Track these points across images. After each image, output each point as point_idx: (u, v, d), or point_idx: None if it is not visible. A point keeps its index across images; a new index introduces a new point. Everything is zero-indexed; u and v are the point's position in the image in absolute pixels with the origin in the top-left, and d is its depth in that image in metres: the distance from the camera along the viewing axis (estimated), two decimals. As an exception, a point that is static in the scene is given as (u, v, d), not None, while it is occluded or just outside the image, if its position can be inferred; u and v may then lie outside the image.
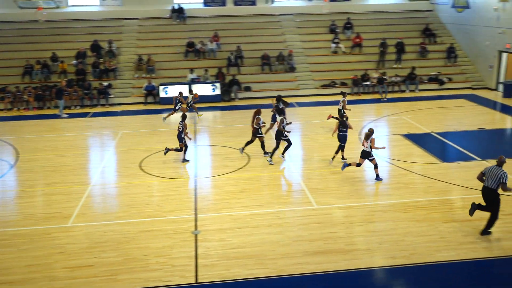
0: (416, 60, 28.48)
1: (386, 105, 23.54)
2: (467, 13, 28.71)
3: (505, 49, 25.59)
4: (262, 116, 16.16)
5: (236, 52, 27.54)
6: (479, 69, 28.03)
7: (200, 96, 25.22)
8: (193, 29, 29.98)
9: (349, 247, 10.20)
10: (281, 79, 27.14)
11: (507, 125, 20.05)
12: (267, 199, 12.82)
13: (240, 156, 16.28)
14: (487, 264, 9.48)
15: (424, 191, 13.12)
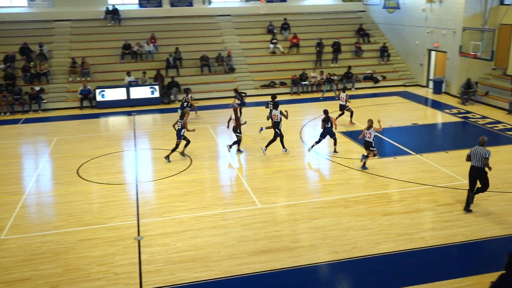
0: (351, 59, 29.37)
1: (325, 104, 24.08)
2: (398, 14, 29.94)
3: (433, 48, 26.91)
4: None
5: (174, 54, 27.25)
6: (410, 67, 29.30)
7: (139, 99, 24.80)
8: (129, 31, 29.36)
9: (293, 245, 10.36)
10: (221, 80, 27.13)
11: (438, 120, 21.08)
12: (211, 201, 12.78)
13: (182, 159, 16.12)
14: (424, 253, 9.92)
15: (364, 186, 13.54)
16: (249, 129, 19.90)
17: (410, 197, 12.63)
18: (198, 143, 17.94)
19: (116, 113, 23.52)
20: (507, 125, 19.34)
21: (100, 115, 23.35)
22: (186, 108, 20.79)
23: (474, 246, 10.23)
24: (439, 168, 14.69)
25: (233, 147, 16.73)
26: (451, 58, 25.31)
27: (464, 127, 19.83)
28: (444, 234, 10.66)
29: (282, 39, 30.25)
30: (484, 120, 20.26)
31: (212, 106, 24.46)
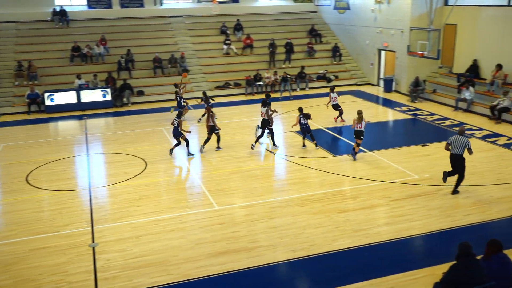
0: (304, 60, 29.76)
1: (279, 104, 24.28)
2: (348, 14, 30.59)
3: (383, 48, 27.66)
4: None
5: (126, 56, 26.77)
6: (361, 67, 30.00)
7: (90, 103, 24.20)
8: (78, 33, 28.63)
9: (252, 245, 10.39)
10: (174, 82, 26.76)
11: (389, 118, 21.67)
12: (167, 204, 12.64)
13: (136, 163, 15.87)
14: (379, 248, 10.18)
15: (319, 184, 13.75)
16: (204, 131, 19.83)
17: (364, 194, 12.93)
18: (152, 146, 17.71)
19: (67, 118, 22.87)
20: (454, 121, 20.11)
21: (50, 119, 22.64)
22: (185, 106, 20.68)
23: (426, 239, 10.58)
24: (391, 165, 15.11)
25: (203, 146, 16.78)
26: (400, 57, 26.09)
27: (414, 124, 20.48)
28: (398, 228, 10.97)
29: (235, 40, 30.29)
30: (433, 116, 20.99)
31: (166, 108, 24.18)
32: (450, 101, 22.92)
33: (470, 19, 23.18)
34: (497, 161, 15.24)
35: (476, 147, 16.62)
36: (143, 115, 22.67)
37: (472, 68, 22.80)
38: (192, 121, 21.31)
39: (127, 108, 24.44)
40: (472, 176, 13.89)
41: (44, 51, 27.08)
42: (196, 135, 18.74)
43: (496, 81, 21.01)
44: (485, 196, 12.53)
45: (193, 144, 17.55)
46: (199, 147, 16.82)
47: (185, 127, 18.71)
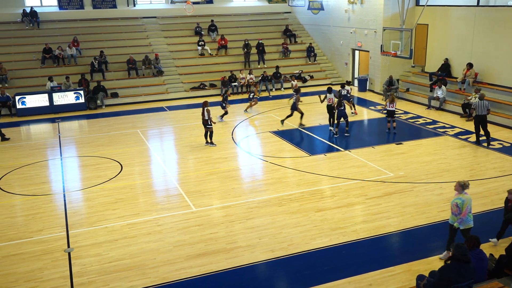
0: (279, 60, 29.87)
1: (261, 104, 24.30)
2: (322, 15, 30.83)
3: (357, 47, 27.96)
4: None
5: (99, 57, 26.42)
6: (336, 66, 30.26)
7: (63, 105, 23.84)
8: (49, 34, 28.11)
9: (230, 246, 10.37)
10: (149, 84, 26.64)
11: (364, 117, 21.90)
12: (144, 207, 12.52)
13: (111, 166, 15.67)
14: (357, 246, 10.28)
15: (296, 184, 13.82)
16: (181, 132, 19.71)
17: (341, 192, 13.04)
18: (127, 148, 17.53)
19: (39, 121, 22.44)
20: (427, 119, 20.46)
21: (21, 123, 22.18)
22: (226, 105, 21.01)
23: (402, 236, 10.73)
24: (367, 163, 15.28)
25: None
26: (373, 57, 26.41)
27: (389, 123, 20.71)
28: (374, 226, 11.10)
29: (210, 40, 30.20)
30: (406, 115, 21.32)
31: (142, 110, 23.98)
32: (423, 99, 23.31)
33: (441, 19, 23.63)
34: (470, 158, 15.57)
35: (449, 145, 16.97)
36: (118, 117, 22.42)
37: (444, 67, 23.23)
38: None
39: (101, 111, 24.12)
40: (445, 173, 14.16)
41: (15, 53, 26.53)
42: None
43: (467, 79, 21.46)
44: (459, 192, 12.77)
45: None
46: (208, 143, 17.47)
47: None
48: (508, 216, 9.70)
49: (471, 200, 9.22)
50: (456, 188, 9.23)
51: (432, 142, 17.36)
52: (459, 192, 9.21)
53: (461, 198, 9.15)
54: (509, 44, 20.09)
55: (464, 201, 9.10)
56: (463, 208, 9.09)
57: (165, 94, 26.34)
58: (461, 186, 9.12)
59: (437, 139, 17.74)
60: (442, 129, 18.83)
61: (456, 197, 9.23)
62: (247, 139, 18.21)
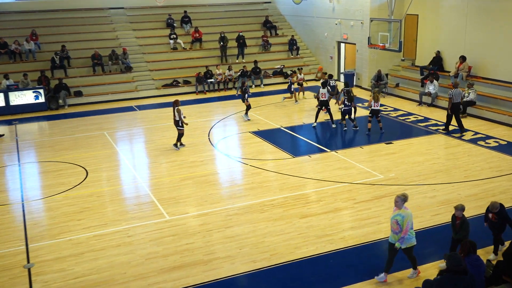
0: (259, 54, 29.93)
1: (233, 102, 24.32)
2: (305, 5, 31.01)
3: (342, 40, 28.18)
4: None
5: (61, 52, 26.10)
6: (320, 60, 30.45)
7: (21, 106, 23.50)
8: (5, 27, 27.69)
9: (208, 257, 10.33)
10: (116, 81, 26.42)
11: (351, 115, 22.04)
12: (112, 216, 12.40)
13: (76, 171, 15.49)
14: (345, 254, 10.33)
15: (279, 188, 13.84)
16: (152, 134, 19.60)
17: (327, 197, 13.11)
18: (94, 152, 17.35)
19: (-6, 123, 22.08)
20: (418, 117, 20.72)
21: (-26, 126, 21.79)
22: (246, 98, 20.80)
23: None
24: (355, 164, 15.40)
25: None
26: (360, 50, 26.66)
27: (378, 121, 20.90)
28: (364, 232, 11.18)
29: (183, 33, 30.11)
30: (396, 112, 21.56)
31: (109, 110, 23.76)
32: (414, 95, 23.60)
33: (432, 9, 23.97)
34: (464, 157, 15.80)
35: (442, 143, 17.21)
36: (82, 118, 22.17)
37: (436, 60, 23.57)
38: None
39: (63, 111, 23.84)
40: (438, 174, 14.35)
41: (-35, 48, 26.06)
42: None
43: (460, 73, 21.80)
44: (453, 195, 12.96)
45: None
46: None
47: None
48: (458, 236, 9.35)
49: (412, 216, 8.98)
50: (396, 203, 8.96)
51: (424, 141, 17.58)
52: (398, 207, 8.94)
53: (401, 214, 8.87)
54: (504, 35, 20.46)
55: (404, 217, 8.81)
56: (404, 225, 8.79)
57: (134, 92, 26.15)
58: (402, 200, 8.89)
59: (429, 137, 17.97)
60: (434, 127, 19.08)
61: (396, 213, 8.95)
62: (225, 140, 18.18)
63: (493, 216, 9.72)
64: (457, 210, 9.40)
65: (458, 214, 9.42)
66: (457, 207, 9.40)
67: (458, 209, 9.38)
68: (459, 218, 9.44)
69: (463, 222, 9.37)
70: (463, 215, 9.46)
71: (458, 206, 9.41)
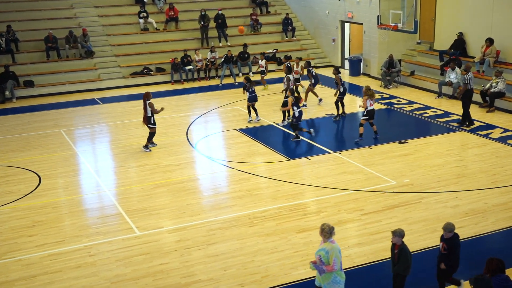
0: (248, 36, 29.93)
1: (217, 94, 24.33)
2: (302, -23, 31.10)
3: (347, 19, 28.26)
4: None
5: (6, 34, 25.95)
6: (321, 44, 30.54)
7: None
8: None
9: (186, 280, 10.34)
10: (75, 68, 26.33)
11: (357, 109, 22.13)
12: (71, 231, 12.38)
13: (26, 178, 15.43)
14: (350, 275, 10.36)
15: (272, 197, 13.88)
16: (119, 132, 19.55)
17: (329, 207, 13.17)
18: (48, 154, 17.31)
19: None
20: (437, 111, 20.84)
21: None
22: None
23: (408, 261, 10.90)
24: (363, 168, 15.46)
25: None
26: (368, 31, 26.75)
27: (389, 116, 21.05)
28: (373, 249, 11.24)
29: (155, 11, 30.05)
30: (411, 105, 21.68)
31: (66, 103, 23.67)
32: (432, 85, 23.72)
33: (453, -18, 24.10)
34: (492, 159, 15.93)
35: (466, 142, 17.35)
36: (34, 113, 22.07)
37: (458, 43, 23.67)
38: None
39: (10, 105, 23.72)
40: (462, 179, 14.46)
41: None
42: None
43: (487, 59, 21.93)
44: (479, 204, 13.07)
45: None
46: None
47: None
48: (396, 270, 9.08)
49: (340, 252, 8.53)
50: (321, 234, 8.55)
51: (444, 139, 17.70)
52: (324, 239, 8.54)
53: (325, 248, 8.46)
54: (538, 13, 20.58)
55: (329, 251, 8.41)
56: (330, 261, 8.42)
57: (97, 82, 26.07)
58: (327, 231, 8.45)
59: (451, 135, 18.09)
60: (456, 123, 19.19)
61: (320, 247, 8.56)
62: (206, 139, 18.18)
63: (443, 246, 9.23)
64: (394, 236, 8.91)
65: (396, 241, 8.93)
66: (395, 232, 8.89)
67: (396, 235, 8.87)
68: (397, 246, 8.97)
69: (401, 251, 8.91)
70: (403, 242, 8.95)
71: (396, 231, 8.88)
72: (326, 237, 8.49)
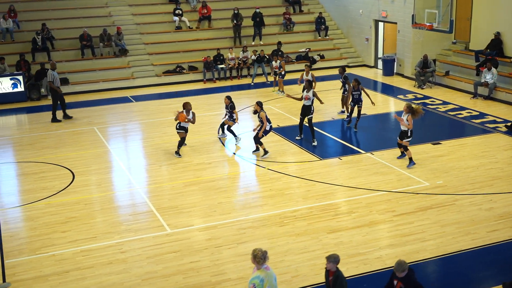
0: (280, 35, 29.90)
1: (248, 93, 24.36)
2: (335, -25, 30.96)
3: (381, 18, 28.05)
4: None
5: (43, 32, 26.36)
6: (354, 43, 30.35)
7: (-4, 95, 23.79)
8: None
9: (216, 279, 10.38)
10: (109, 66, 26.61)
11: (391, 108, 21.99)
12: (103, 228, 12.51)
13: (60, 174, 15.65)
14: (382, 277, 10.28)
15: (303, 196, 13.85)
16: (151, 130, 19.68)
17: (361, 207, 13.09)
18: (82, 151, 17.51)
19: (-36, 116, 22.43)
20: (472, 112, 20.56)
21: None
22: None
23: (440, 264, 10.77)
24: (395, 169, 15.33)
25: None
26: (402, 30, 26.51)
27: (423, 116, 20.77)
28: (405, 250, 11.14)
29: (188, 10, 30.20)
30: (446, 106, 21.42)
31: (100, 101, 23.94)
32: (467, 86, 23.42)
33: (491, -19, 23.75)
34: (528, 161, 15.67)
35: (502, 144, 17.06)
36: (68, 110, 22.35)
37: (494, 43, 23.34)
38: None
39: (46, 102, 24.05)
40: (497, 181, 14.24)
41: None
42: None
43: (525, 59, 21.61)
44: (514, 207, 12.88)
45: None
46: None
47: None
48: None
49: (275, 279, 8.09)
50: (253, 262, 8.05)
51: (479, 141, 17.45)
52: (257, 266, 8.04)
53: (259, 276, 7.94)
54: None
55: (264, 279, 7.92)
56: None
57: (130, 80, 26.30)
58: (260, 257, 7.96)
59: (486, 137, 17.83)
60: (492, 124, 18.92)
61: (254, 274, 8.05)
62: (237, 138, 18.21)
63: (398, 284, 8.53)
64: (328, 262, 8.28)
65: (330, 268, 8.35)
66: (329, 258, 8.30)
67: (331, 261, 8.25)
68: (332, 273, 8.38)
69: (336, 278, 8.33)
70: (338, 268, 8.37)
71: (331, 257, 8.30)
72: (259, 263, 7.97)
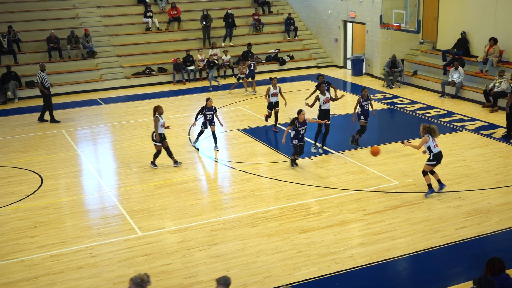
0: (249, 36, 29.94)
1: (218, 94, 24.33)
2: (304, -24, 31.09)
3: (349, 19, 28.25)
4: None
5: (8, 35, 26.00)
6: (323, 44, 30.53)
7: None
8: None
9: (188, 281, 10.35)
10: (77, 68, 26.36)
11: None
12: (73, 232, 12.40)
13: (28, 179, 15.45)
14: (353, 276, 10.38)
15: (274, 197, 13.89)
16: (121, 133, 19.55)
17: (332, 207, 13.17)
18: (50, 154, 17.33)
19: None
20: (440, 111, 20.84)
21: None
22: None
23: (411, 261, 10.90)
24: (365, 168, 15.46)
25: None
26: (371, 31, 26.74)
27: (392, 115, 21.07)
28: (376, 249, 11.24)
29: (157, 11, 30.07)
30: (414, 105, 21.67)
31: (68, 103, 23.70)
32: (435, 85, 23.72)
33: (456, -18, 24.09)
34: (494, 158, 15.92)
35: (469, 142, 17.33)
36: (36, 114, 22.06)
37: (461, 43, 23.68)
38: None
39: (12, 105, 23.76)
40: (464, 179, 14.45)
41: None
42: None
43: (490, 58, 21.93)
44: (482, 204, 13.06)
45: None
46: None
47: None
48: None
49: None
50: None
51: (447, 139, 17.67)
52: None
53: None
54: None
55: None
56: None
57: (99, 82, 26.10)
58: (139, 284, 7.26)
59: (454, 135, 18.09)
60: (459, 123, 19.19)
61: None
62: (208, 139, 18.18)
63: None
64: (219, 284, 7.54)
65: None
66: (219, 281, 7.57)
67: (221, 283, 7.53)
68: None
69: None
70: None
71: (221, 280, 7.57)
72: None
